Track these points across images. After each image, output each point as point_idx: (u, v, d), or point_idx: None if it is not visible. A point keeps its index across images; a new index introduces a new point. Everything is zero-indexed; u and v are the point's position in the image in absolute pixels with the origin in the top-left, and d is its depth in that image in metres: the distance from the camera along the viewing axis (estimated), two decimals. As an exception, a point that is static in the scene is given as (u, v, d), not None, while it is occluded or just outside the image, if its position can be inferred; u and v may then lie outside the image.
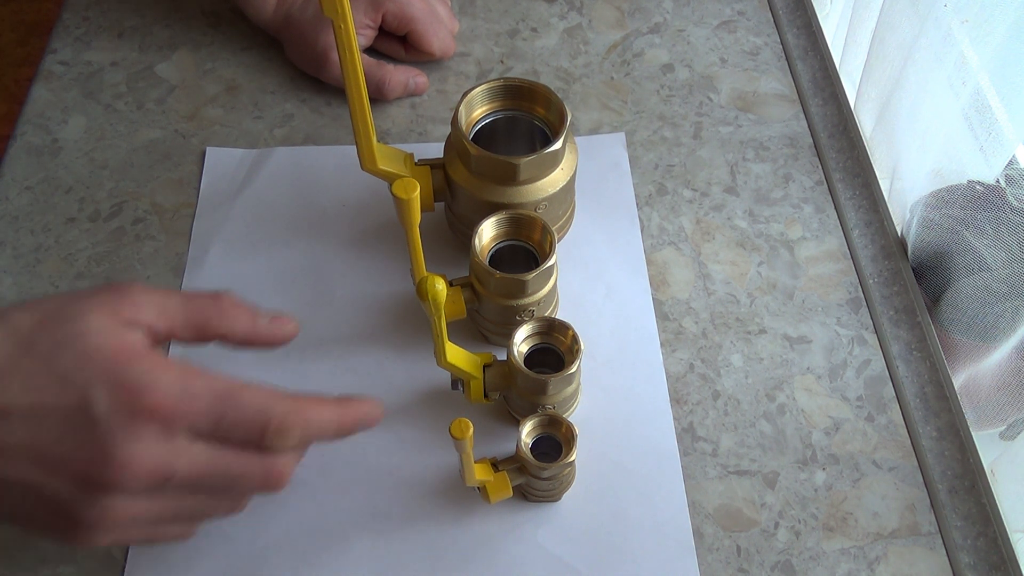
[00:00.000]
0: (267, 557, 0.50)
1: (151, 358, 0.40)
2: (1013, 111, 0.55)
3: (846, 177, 0.66)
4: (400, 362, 0.57)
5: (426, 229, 0.53)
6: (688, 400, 0.56)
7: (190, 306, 0.43)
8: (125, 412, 0.38)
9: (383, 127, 0.68)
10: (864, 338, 0.59)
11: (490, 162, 0.53)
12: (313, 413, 0.42)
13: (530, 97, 0.57)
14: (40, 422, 0.38)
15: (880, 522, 0.52)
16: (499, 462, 0.50)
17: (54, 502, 0.39)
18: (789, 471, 0.53)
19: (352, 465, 0.53)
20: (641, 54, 0.73)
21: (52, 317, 0.40)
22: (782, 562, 0.50)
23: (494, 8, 0.76)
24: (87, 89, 0.70)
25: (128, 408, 0.38)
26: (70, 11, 0.75)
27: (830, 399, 0.56)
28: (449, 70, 0.72)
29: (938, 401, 0.56)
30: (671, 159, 0.67)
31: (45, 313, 0.40)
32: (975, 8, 0.54)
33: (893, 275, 0.61)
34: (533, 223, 0.53)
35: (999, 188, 0.57)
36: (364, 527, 0.51)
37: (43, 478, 0.39)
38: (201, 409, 0.40)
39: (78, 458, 0.38)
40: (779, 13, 0.76)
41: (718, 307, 0.60)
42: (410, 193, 0.46)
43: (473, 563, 0.50)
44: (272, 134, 0.68)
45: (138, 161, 0.66)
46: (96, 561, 0.50)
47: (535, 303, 0.53)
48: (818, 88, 0.71)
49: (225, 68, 0.72)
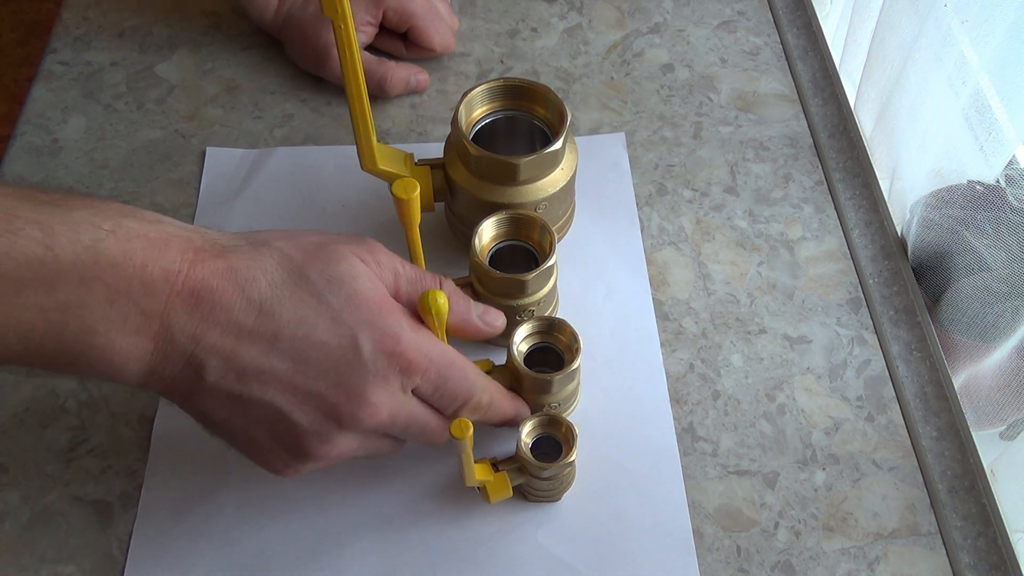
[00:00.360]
0: (267, 557, 0.50)
1: (401, 312, 0.43)
2: (1013, 111, 0.55)
3: (846, 177, 0.66)
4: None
5: (426, 229, 0.53)
6: (688, 400, 0.56)
7: (416, 283, 0.45)
8: (384, 358, 0.41)
9: (383, 127, 0.68)
10: (864, 338, 0.59)
11: (490, 162, 0.53)
12: (501, 402, 0.48)
13: (530, 97, 0.57)
14: (308, 352, 0.40)
15: (880, 522, 0.52)
16: (499, 462, 0.50)
17: (293, 430, 0.41)
18: (789, 471, 0.53)
19: (353, 465, 0.53)
20: (641, 54, 0.73)
21: (317, 254, 0.42)
22: (782, 562, 0.50)
23: (494, 8, 0.76)
24: (87, 89, 0.70)
25: (387, 354, 0.41)
26: (70, 11, 0.75)
27: (830, 399, 0.56)
28: (449, 70, 0.72)
29: (938, 401, 0.56)
30: (671, 159, 0.67)
31: (308, 248, 0.42)
32: (975, 8, 0.54)
33: (893, 275, 0.61)
34: (533, 223, 0.53)
35: (999, 188, 0.57)
36: (364, 527, 0.51)
37: (294, 406, 0.41)
38: (432, 371, 0.43)
39: (335, 393, 0.41)
40: (779, 13, 0.76)
41: (718, 307, 0.60)
42: (410, 193, 0.46)
43: (473, 563, 0.50)
44: (272, 134, 0.68)
45: (138, 161, 0.66)
46: (96, 561, 0.50)
47: (535, 303, 0.53)
48: (818, 88, 0.71)
49: (225, 68, 0.72)
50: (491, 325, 0.49)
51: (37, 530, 0.51)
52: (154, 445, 0.53)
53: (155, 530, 0.51)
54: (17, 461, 0.53)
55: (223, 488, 0.52)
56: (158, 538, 0.50)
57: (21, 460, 0.53)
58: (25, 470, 0.53)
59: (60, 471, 0.53)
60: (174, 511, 0.51)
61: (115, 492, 0.52)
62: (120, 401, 0.55)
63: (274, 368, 0.40)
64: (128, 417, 0.54)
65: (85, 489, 0.52)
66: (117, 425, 0.54)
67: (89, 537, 0.51)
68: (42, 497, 0.52)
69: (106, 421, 0.54)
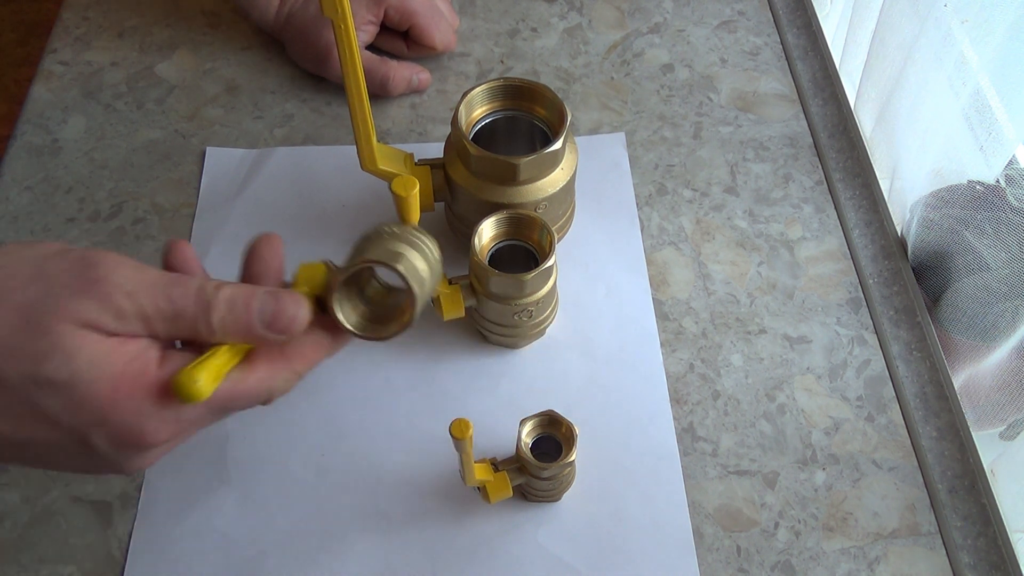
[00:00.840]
0: (267, 557, 0.50)
1: (145, 392, 0.35)
2: (1013, 111, 0.55)
3: (846, 177, 0.66)
4: (400, 361, 0.57)
5: (426, 229, 0.53)
6: (688, 400, 0.56)
7: (178, 319, 0.36)
8: (129, 451, 0.36)
9: (383, 127, 0.68)
10: (864, 338, 0.59)
11: (490, 162, 0.53)
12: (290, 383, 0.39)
13: (530, 97, 0.57)
14: (39, 453, 0.36)
15: (880, 522, 0.52)
16: (499, 462, 0.50)
17: (96, 457, 0.36)
18: (789, 471, 0.53)
19: (352, 465, 0.53)
20: (641, 54, 0.73)
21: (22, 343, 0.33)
22: (782, 562, 0.50)
23: (494, 8, 0.76)
24: (87, 89, 0.70)
25: (131, 447, 0.36)
26: (70, 11, 0.75)
27: (830, 399, 0.56)
28: (449, 70, 0.72)
29: (938, 401, 0.56)
30: (671, 159, 0.67)
31: (13, 327, 0.33)
32: (975, 8, 0.54)
33: (893, 275, 0.61)
34: (533, 223, 0.53)
35: (999, 188, 0.57)
36: (364, 527, 0.51)
37: (72, 458, 0.36)
38: (200, 424, 0.37)
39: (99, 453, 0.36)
40: (779, 13, 0.76)
41: (718, 307, 0.60)
42: (409, 190, 0.46)
43: (473, 563, 0.50)
44: (272, 134, 0.68)
45: (138, 161, 0.66)
46: (96, 561, 0.50)
47: (534, 303, 0.53)
48: (818, 88, 0.71)
49: (225, 68, 0.72)
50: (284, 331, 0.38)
51: (37, 530, 0.51)
52: (154, 445, 0.53)
53: (155, 530, 0.51)
54: (17, 461, 0.53)
55: (223, 488, 0.52)
56: (158, 538, 0.50)
57: (21, 460, 0.53)
58: (25, 470, 0.53)
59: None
60: (174, 511, 0.51)
61: (115, 492, 0.52)
62: (120, 401, 0.55)
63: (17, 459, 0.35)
64: (128, 417, 0.54)
65: (85, 489, 0.52)
66: (117, 425, 0.54)
67: (89, 537, 0.51)
68: (42, 497, 0.52)
69: (106, 421, 0.54)
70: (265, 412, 0.55)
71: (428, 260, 0.40)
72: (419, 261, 0.40)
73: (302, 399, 0.55)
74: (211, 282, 0.37)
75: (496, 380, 0.56)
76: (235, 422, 0.54)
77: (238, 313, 0.36)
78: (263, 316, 0.37)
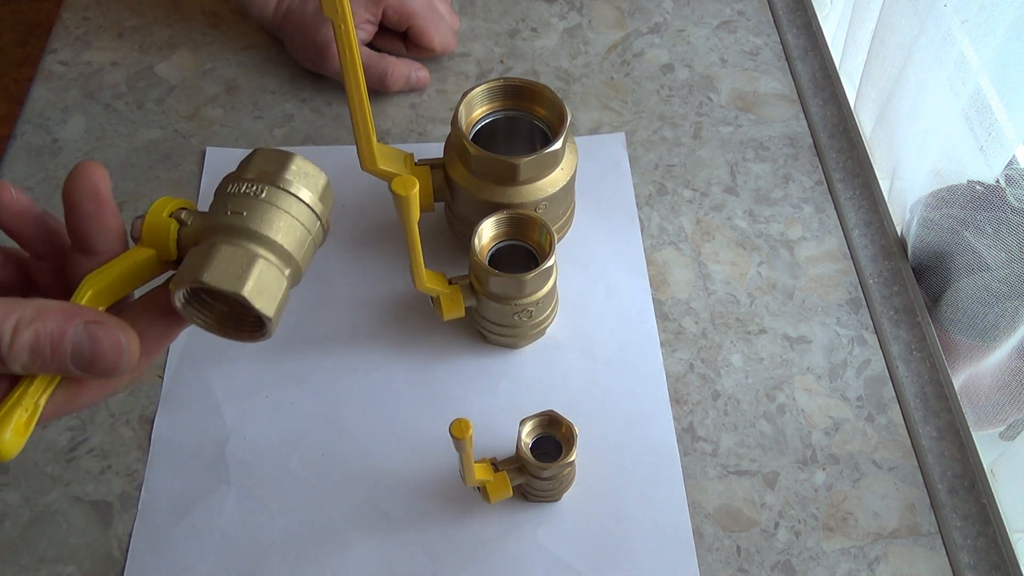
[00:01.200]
0: (267, 557, 0.50)
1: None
2: (1013, 111, 0.55)
3: (846, 177, 0.66)
4: (400, 361, 0.57)
5: (426, 229, 0.53)
6: (688, 400, 0.56)
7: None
8: None
9: (383, 127, 0.68)
10: (864, 338, 0.59)
11: (490, 162, 0.53)
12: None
13: (530, 97, 0.57)
14: None
15: (880, 522, 0.52)
16: (499, 462, 0.50)
17: None
18: (789, 471, 0.53)
19: (352, 465, 0.53)
20: (641, 54, 0.73)
21: None
22: (782, 562, 0.50)
23: (494, 8, 0.76)
24: (87, 89, 0.70)
25: None
26: (70, 11, 0.75)
27: (830, 399, 0.56)
28: (449, 70, 0.72)
29: (938, 401, 0.56)
30: (671, 159, 0.67)
31: None
32: (975, 8, 0.54)
33: (893, 275, 0.61)
34: (533, 223, 0.53)
35: (999, 188, 0.57)
36: (364, 527, 0.51)
37: None
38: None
39: None
40: (779, 13, 0.76)
41: (718, 307, 0.60)
42: (409, 190, 0.46)
43: (473, 563, 0.50)
44: (272, 134, 0.68)
45: (138, 161, 0.66)
46: (96, 561, 0.50)
47: (534, 303, 0.53)
48: (818, 88, 0.71)
49: (225, 68, 0.72)
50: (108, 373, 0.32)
51: (37, 530, 0.51)
52: (154, 445, 0.53)
53: (155, 530, 0.51)
54: (17, 461, 0.53)
55: (223, 488, 0.52)
56: (158, 538, 0.50)
57: (21, 460, 0.53)
58: (25, 470, 0.53)
59: (60, 471, 0.53)
60: (174, 511, 0.51)
61: (115, 492, 0.52)
62: (120, 401, 0.55)
63: None
64: (128, 417, 0.55)
65: (85, 489, 0.52)
66: (117, 425, 0.54)
67: (89, 537, 0.51)
68: (42, 497, 0.52)
69: (106, 421, 0.54)
70: (265, 412, 0.55)
71: (295, 234, 0.33)
72: (275, 261, 0.33)
73: (302, 399, 0.55)
74: (10, 317, 0.30)
75: (496, 380, 0.56)
76: (235, 422, 0.54)
77: (45, 361, 0.31)
78: (80, 360, 0.31)
